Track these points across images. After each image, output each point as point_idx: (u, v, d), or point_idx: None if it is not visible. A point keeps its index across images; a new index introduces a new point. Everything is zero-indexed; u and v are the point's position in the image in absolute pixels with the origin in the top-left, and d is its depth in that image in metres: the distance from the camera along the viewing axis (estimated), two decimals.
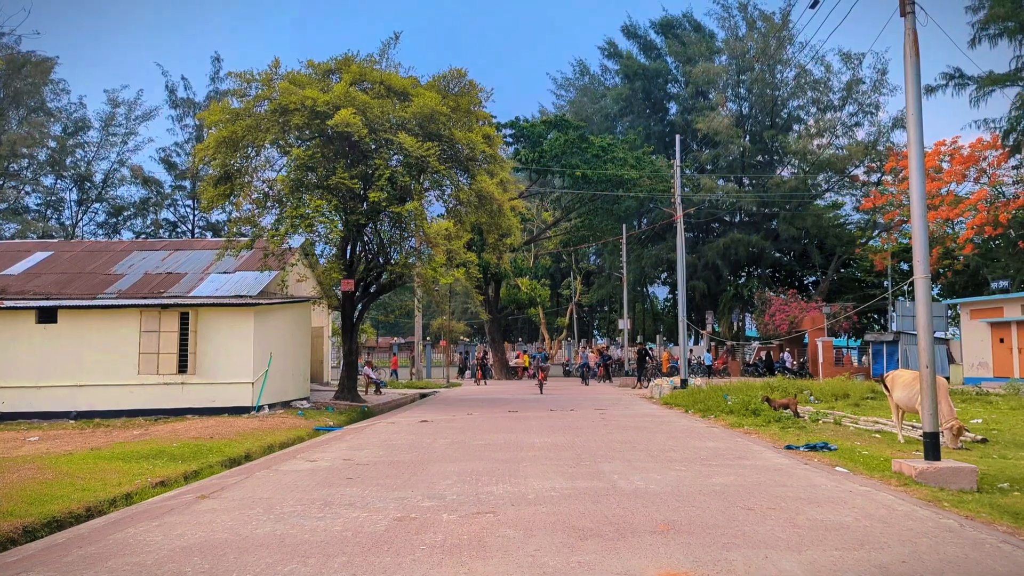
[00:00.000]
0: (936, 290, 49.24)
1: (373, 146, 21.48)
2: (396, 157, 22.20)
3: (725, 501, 7.36)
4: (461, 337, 60.22)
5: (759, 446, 12.24)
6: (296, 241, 24.18)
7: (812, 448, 11.65)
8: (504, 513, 6.89)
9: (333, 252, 24.71)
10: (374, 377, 30.66)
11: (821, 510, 6.90)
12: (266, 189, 22.19)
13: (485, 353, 48.05)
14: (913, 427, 14.05)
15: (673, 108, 60.08)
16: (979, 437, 13.03)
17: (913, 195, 9.48)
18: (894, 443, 12.52)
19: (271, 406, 19.97)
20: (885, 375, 13.63)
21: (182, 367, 19.32)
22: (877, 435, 13.69)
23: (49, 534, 7.01)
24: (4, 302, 19.92)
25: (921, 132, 9.32)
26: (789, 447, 11.96)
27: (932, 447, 9.06)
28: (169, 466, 10.88)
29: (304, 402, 21.85)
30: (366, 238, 24.48)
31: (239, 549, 5.73)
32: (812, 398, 21.08)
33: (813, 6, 9.72)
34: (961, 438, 11.78)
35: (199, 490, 8.63)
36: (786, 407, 16.52)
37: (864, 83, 49.98)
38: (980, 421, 15.70)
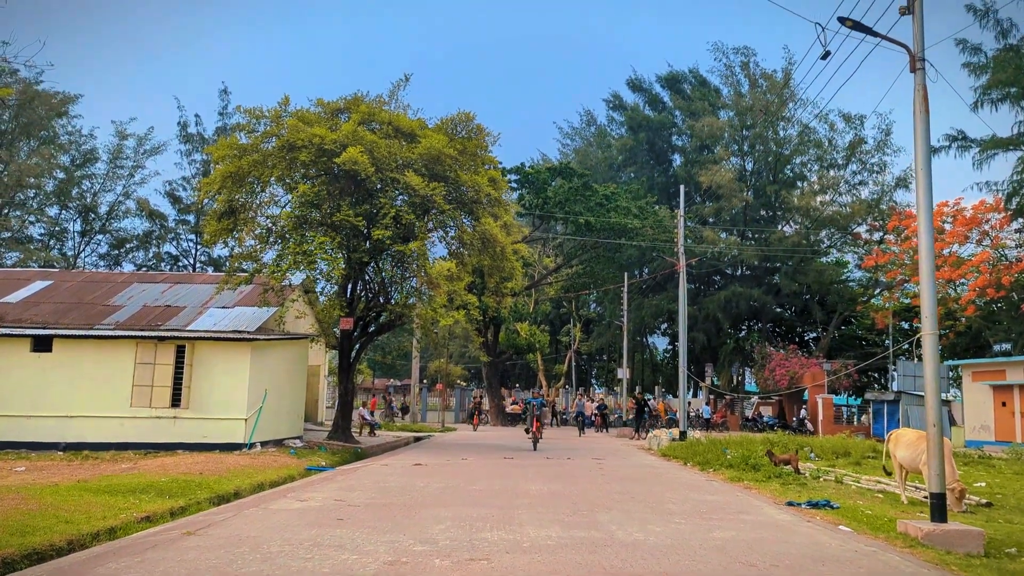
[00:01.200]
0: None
1: (379, 185, 21.54)
2: (401, 197, 22.26)
3: (727, 556, 7.13)
4: (458, 381, 59.78)
5: (760, 501, 11.98)
6: (297, 278, 24.11)
7: (814, 505, 11.39)
8: (499, 560, 6.67)
9: (334, 290, 24.63)
10: (368, 419, 30.33)
11: (826, 569, 6.67)
12: (269, 225, 22.20)
13: (481, 398, 47.59)
14: (916, 488, 13.79)
15: (677, 160, 60.65)
16: (984, 501, 12.75)
17: (922, 251, 9.40)
18: (897, 503, 12.25)
19: (263, 444, 19.68)
20: (888, 434, 13.40)
21: (175, 401, 19.07)
22: (879, 495, 13.41)
23: (28, 566, 6.77)
24: (0, 329, 19.76)
25: (930, 187, 9.28)
26: (791, 503, 11.70)
27: (939, 508, 8.84)
28: (156, 501, 10.62)
29: (297, 441, 21.54)
30: (367, 277, 24.42)
31: None
32: (812, 455, 20.77)
33: (824, 57, 9.78)
34: (965, 501, 11.53)
35: (185, 526, 8.38)
36: (787, 463, 16.24)
37: (867, 143, 50.46)
38: (984, 485, 15.41)
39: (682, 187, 30.70)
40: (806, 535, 8.62)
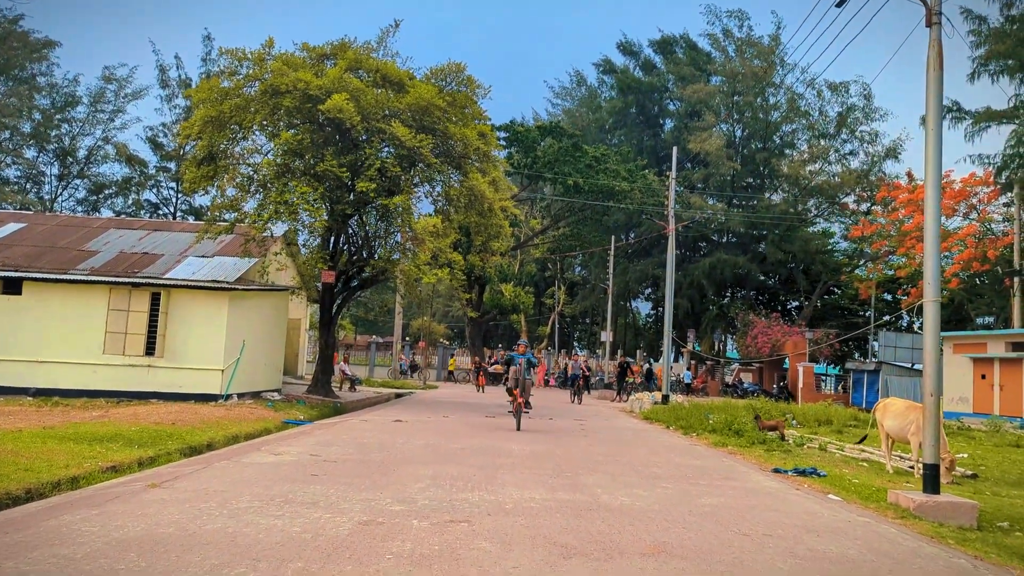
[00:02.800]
0: (918, 323, 49.22)
1: (364, 135, 20.92)
2: (387, 149, 21.65)
3: (718, 524, 6.83)
4: (441, 339, 59.51)
5: (745, 467, 11.75)
6: (279, 229, 23.55)
7: (801, 473, 11.18)
8: (480, 523, 6.33)
9: (316, 242, 24.06)
10: (349, 374, 29.99)
11: (821, 540, 6.39)
12: (251, 173, 21.54)
13: (480, 361, 47.35)
14: (900, 457, 13.65)
15: (667, 125, 60.01)
16: (969, 472, 12.62)
17: (927, 214, 9.06)
18: (882, 473, 12.08)
19: (240, 395, 19.29)
20: (877, 403, 13.21)
21: (150, 349, 18.60)
22: (864, 463, 13.26)
23: None
24: None
25: (940, 146, 8.92)
26: (777, 470, 11.49)
27: (932, 480, 8.60)
28: (124, 451, 10.24)
29: (275, 394, 21.18)
30: (351, 230, 23.85)
31: (183, 547, 5.14)
32: (795, 422, 20.69)
33: (839, 4, 9.32)
34: (952, 473, 11.36)
35: (151, 478, 8.00)
36: (773, 428, 16.09)
37: (856, 112, 50.04)
38: (966, 456, 15.32)
39: (675, 148, 30.23)
40: (797, 504, 8.36)
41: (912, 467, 12.49)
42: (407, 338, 54.77)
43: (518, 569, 4.96)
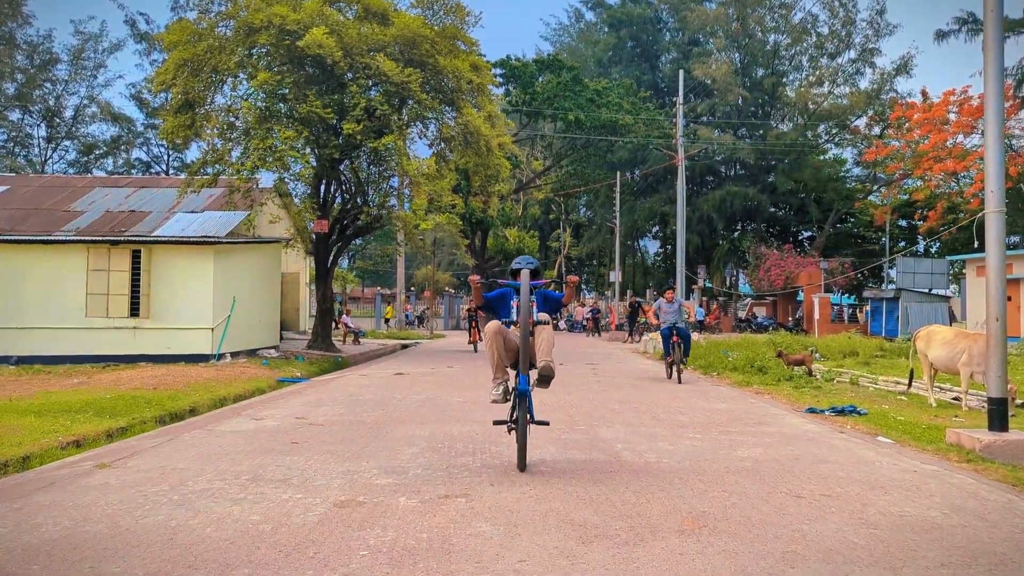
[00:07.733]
0: (935, 248, 47.84)
1: (349, 74, 19.57)
2: (375, 87, 20.31)
3: (763, 484, 5.77)
4: (446, 288, 58.55)
5: (777, 409, 10.70)
6: (267, 179, 22.36)
7: (839, 412, 10.13)
8: (480, 497, 5.29)
9: (307, 191, 22.86)
10: (352, 326, 29.05)
11: (891, 499, 5.32)
12: (231, 119, 20.26)
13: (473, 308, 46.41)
14: (940, 388, 12.61)
15: (665, 58, 57.85)
16: (1019, 401, 11.56)
17: (989, 115, 7.84)
18: (924, 407, 11.04)
19: (234, 354, 18.31)
20: (917, 332, 12.10)
21: (134, 310, 17.57)
22: (902, 397, 12.21)
23: None
24: None
25: (1000, 35, 7.65)
26: (812, 410, 10.43)
27: (999, 416, 7.53)
28: (93, 422, 9.25)
29: (272, 351, 20.21)
30: (343, 176, 22.60)
31: (105, 551, 4.09)
32: (818, 356, 19.66)
33: None
34: (1015, 403, 10.31)
35: (103, 456, 6.97)
36: (800, 363, 15.03)
37: (857, 24, 48.20)
38: None
39: (680, 71, 28.66)
40: (846, 451, 7.29)
41: (957, 399, 11.47)
42: (412, 288, 53.80)
43: (526, 564, 3.90)
